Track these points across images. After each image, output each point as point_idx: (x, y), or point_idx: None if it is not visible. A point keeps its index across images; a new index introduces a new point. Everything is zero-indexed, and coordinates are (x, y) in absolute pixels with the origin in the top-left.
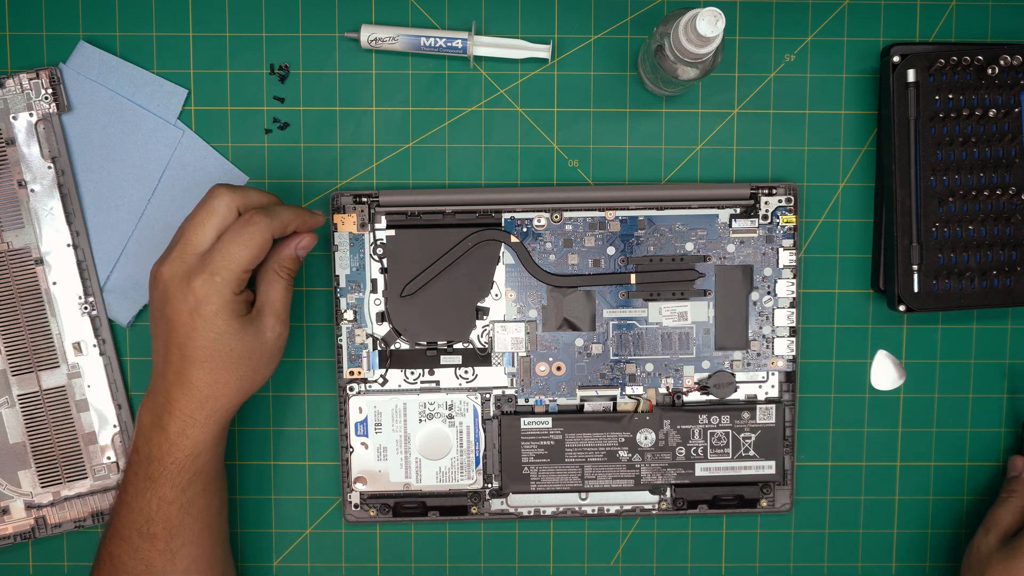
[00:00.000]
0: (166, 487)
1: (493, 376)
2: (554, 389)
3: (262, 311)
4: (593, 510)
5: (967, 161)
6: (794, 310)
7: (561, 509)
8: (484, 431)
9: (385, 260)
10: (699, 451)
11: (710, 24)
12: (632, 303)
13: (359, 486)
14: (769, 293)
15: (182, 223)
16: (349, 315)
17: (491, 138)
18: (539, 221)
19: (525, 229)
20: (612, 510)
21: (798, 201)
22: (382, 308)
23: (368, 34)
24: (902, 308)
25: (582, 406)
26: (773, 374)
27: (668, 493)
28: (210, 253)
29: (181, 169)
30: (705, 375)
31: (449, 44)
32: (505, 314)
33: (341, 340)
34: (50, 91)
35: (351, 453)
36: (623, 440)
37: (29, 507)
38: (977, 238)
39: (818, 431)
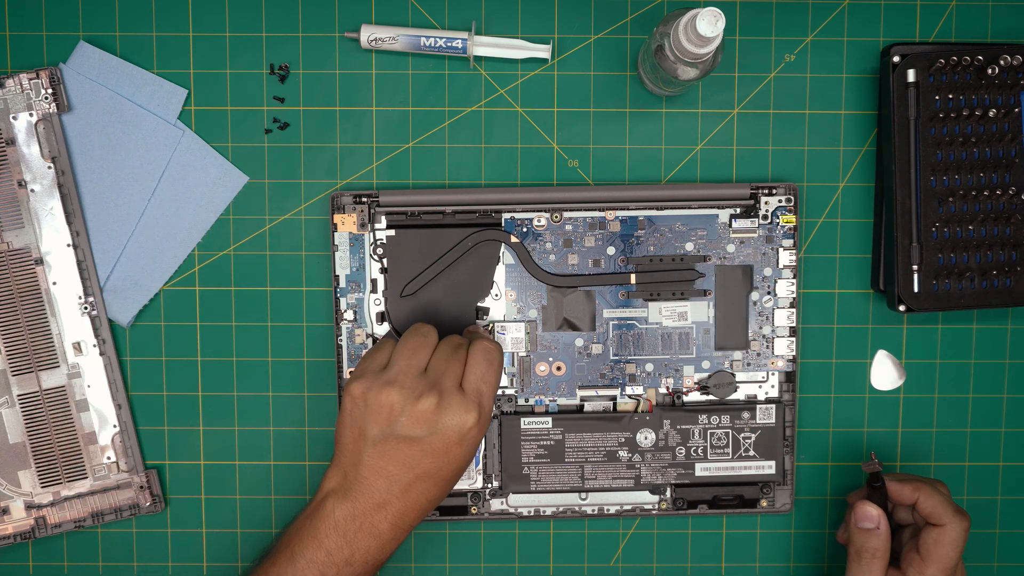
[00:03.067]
0: None
1: None
2: (554, 389)
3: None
4: (593, 510)
5: (967, 161)
6: (794, 310)
7: (561, 509)
8: None
9: (385, 260)
10: (699, 451)
11: (710, 24)
12: (632, 303)
13: None
14: (769, 293)
15: (434, 357)
16: (349, 315)
17: (491, 138)
18: (539, 221)
19: (525, 229)
20: (612, 510)
21: (798, 201)
22: (382, 308)
23: (368, 34)
24: (902, 308)
25: (582, 406)
26: (773, 374)
27: (668, 493)
28: (471, 384)
29: (181, 169)
30: (705, 375)
31: (449, 44)
32: (505, 314)
33: (341, 340)
34: (50, 91)
35: None
36: (623, 440)
37: (29, 507)
38: (977, 238)
39: (818, 431)
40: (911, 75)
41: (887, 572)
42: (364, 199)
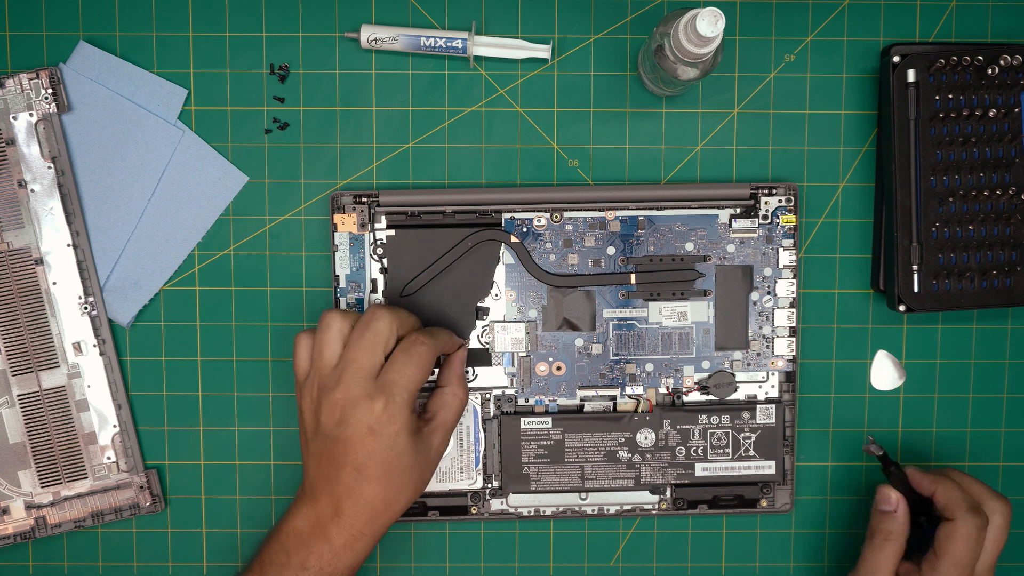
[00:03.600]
0: None
1: (493, 376)
2: (554, 389)
3: (435, 427)
4: (593, 510)
5: (967, 161)
6: (794, 310)
7: (561, 509)
8: (484, 431)
9: (385, 260)
10: (699, 451)
11: (710, 24)
12: (632, 303)
13: None
14: (769, 293)
15: (349, 349)
16: None
17: (491, 138)
18: (539, 221)
19: (525, 229)
20: (612, 510)
21: (798, 201)
22: None
23: (368, 34)
24: (902, 308)
25: (582, 406)
26: (773, 374)
27: (668, 493)
28: (388, 375)
29: (181, 169)
30: (705, 375)
31: (449, 44)
32: (505, 314)
33: None
34: (50, 91)
35: None
36: (623, 440)
37: (29, 507)
38: (977, 238)
39: (818, 431)
40: (911, 75)
41: (903, 565)
42: (364, 199)
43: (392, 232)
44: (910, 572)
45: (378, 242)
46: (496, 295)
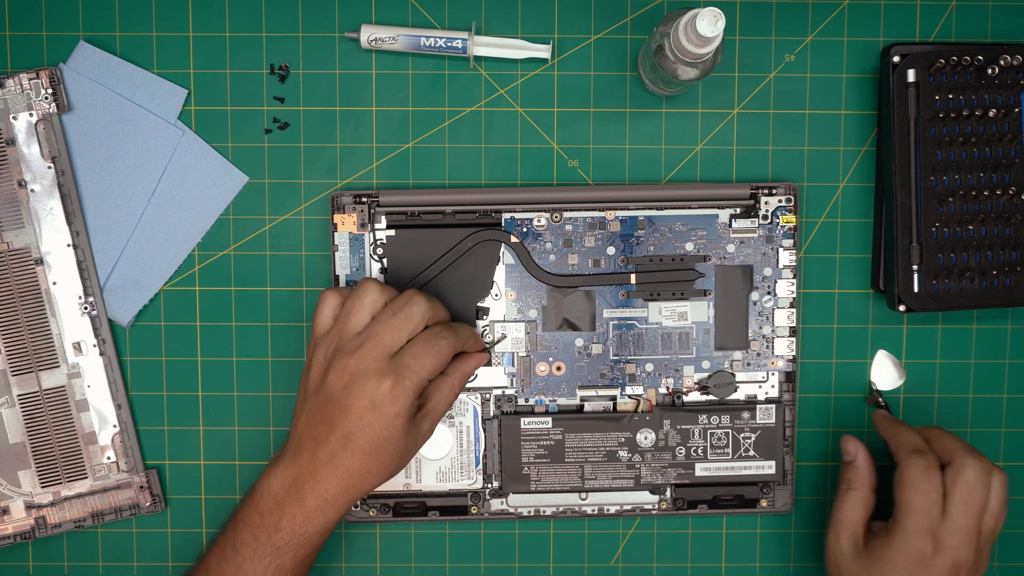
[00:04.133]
0: (287, 555)
1: (493, 376)
2: (554, 389)
3: (426, 416)
4: (593, 510)
5: (967, 161)
6: (794, 310)
7: (561, 509)
8: (484, 431)
9: (385, 260)
10: (699, 451)
11: (710, 24)
12: (632, 303)
13: None
14: (769, 293)
15: (376, 322)
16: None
17: (491, 138)
18: (539, 221)
19: (525, 229)
20: (612, 510)
21: (798, 201)
22: None
23: (368, 34)
24: (902, 308)
25: (582, 406)
26: (773, 374)
27: (668, 493)
28: (403, 358)
29: (181, 169)
30: (705, 375)
31: (449, 44)
32: (505, 314)
33: None
34: (50, 91)
35: None
36: (623, 440)
37: (29, 507)
38: (977, 238)
39: (818, 431)
40: (911, 75)
41: (876, 524)
42: (364, 199)
43: (392, 232)
44: (880, 530)
45: (378, 242)
46: (496, 295)
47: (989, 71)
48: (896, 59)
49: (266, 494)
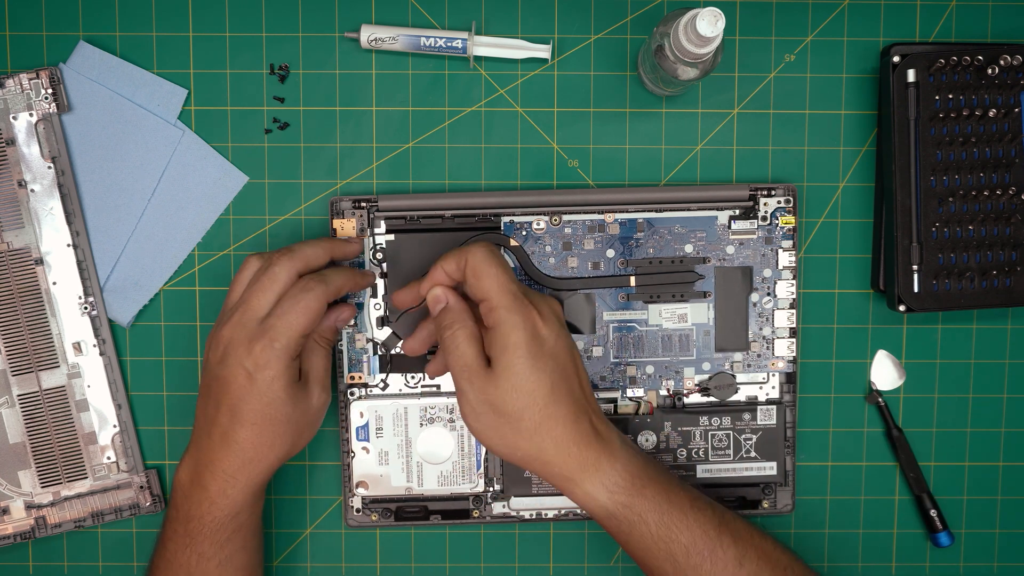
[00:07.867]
0: (205, 544)
1: None
2: None
3: (307, 379)
4: None
5: (967, 161)
6: (794, 311)
7: (563, 512)
8: None
9: (385, 264)
10: (700, 453)
11: (710, 24)
12: (632, 305)
13: (360, 491)
14: (769, 294)
15: (245, 289)
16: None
17: (491, 138)
18: (538, 224)
19: (524, 232)
20: None
21: (797, 202)
22: (382, 312)
23: (368, 34)
24: (902, 308)
25: None
26: (773, 375)
27: None
28: (270, 319)
29: (181, 169)
30: (706, 377)
31: (449, 44)
32: None
33: (341, 345)
34: (50, 91)
35: (352, 458)
36: None
37: (29, 507)
38: (977, 238)
39: (818, 431)
40: (911, 75)
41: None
42: (363, 204)
43: (391, 236)
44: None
45: (377, 247)
46: None
47: (989, 71)
48: (896, 59)
49: (176, 487)
